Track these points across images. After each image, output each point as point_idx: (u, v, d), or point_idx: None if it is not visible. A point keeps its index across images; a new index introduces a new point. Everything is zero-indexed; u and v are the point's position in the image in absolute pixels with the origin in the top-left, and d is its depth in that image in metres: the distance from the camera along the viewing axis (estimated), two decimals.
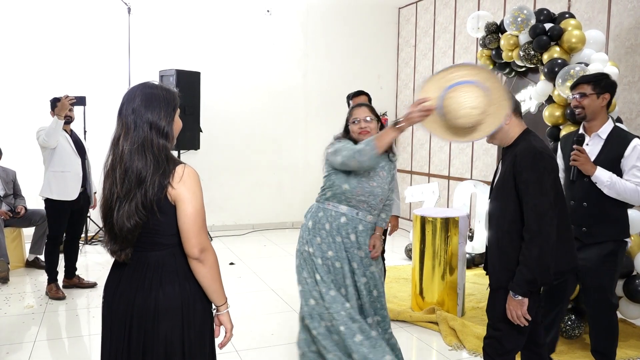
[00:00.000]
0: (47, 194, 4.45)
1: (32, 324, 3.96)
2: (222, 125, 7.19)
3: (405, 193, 6.16)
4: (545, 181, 2.19)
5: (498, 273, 2.32)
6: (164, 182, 1.71)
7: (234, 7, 7.23)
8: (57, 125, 4.23)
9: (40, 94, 6.30)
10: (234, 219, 7.47)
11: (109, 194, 1.75)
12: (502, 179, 2.34)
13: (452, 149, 6.97)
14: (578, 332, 3.50)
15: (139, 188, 1.69)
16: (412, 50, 7.83)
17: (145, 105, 1.74)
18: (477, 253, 5.55)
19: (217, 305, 1.85)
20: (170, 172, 1.72)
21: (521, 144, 2.29)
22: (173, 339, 1.76)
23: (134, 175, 1.70)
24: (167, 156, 1.75)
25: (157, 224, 1.74)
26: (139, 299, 1.75)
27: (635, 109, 4.64)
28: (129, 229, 1.71)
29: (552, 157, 2.25)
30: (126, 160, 1.71)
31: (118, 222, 1.71)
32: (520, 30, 4.11)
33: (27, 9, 6.36)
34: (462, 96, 2.20)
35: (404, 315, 4.08)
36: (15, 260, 5.32)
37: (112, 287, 1.84)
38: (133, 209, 1.69)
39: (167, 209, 1.73)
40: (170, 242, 1.78)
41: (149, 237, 1.76)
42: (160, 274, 1.76)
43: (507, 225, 2.27)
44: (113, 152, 1.76)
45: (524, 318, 2.23)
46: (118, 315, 1.79)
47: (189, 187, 1.73)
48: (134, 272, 1.79)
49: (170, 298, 1.75)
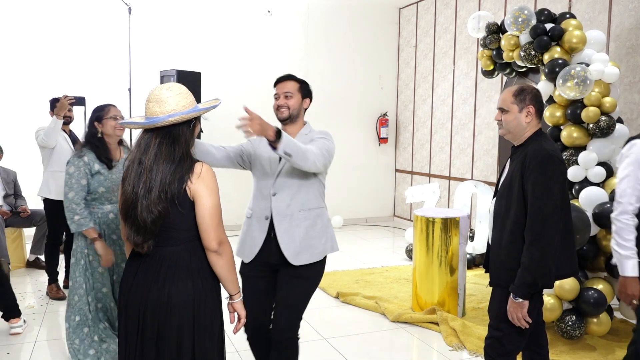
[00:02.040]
0: (46, 194, 4.45)
1: (33, 324, 3.96)
2: (223, 125, 7.17)
3: (406, 193, 6.16)
4: (553, 185, 2.18)
5: (498, 271, 2.33)
6: (184, 178, 1.82)
7: (234, 7, 7.24)
8: (55, 125, 4.24)
9: (40, 94, 6.30)
10: (234, 219, 7.47)
11: (131, 188, 1.84)
12: (509, 178, 2.33)
13: (452, 149, 6.97)
14: (579, 332, 3.49)
15: (162, 181, 1.80)
16: (413, 50, 7.83)
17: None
18: (477, 253, 5.55)
19: (231, 294, 1.96)
20: (189, 168, 1.83)
21: (532, 145, 2.28)
22: (184, 332, 1.85)
23: (159, 170, 1.80)
24: (188, 153, 1.87)
25: (174, 219, 1.83)
26: (153, 292, 1.84)
27: (635, 109, 4.64)
28: (153, 219, 1.80)
29: (561, 161, 2.24)
30: (153, 157, 1.82)
31: (142, 213, 1.80)
32: (521, 31, 4.11)
33: (27, 9, 6.37)
34: None
35: (405, 315, 4.08)
36: (16, 260, 5.32)
37: (129, 278, 1.92)
38: (156, 199, 1.79)
39: (186, 204, 1.83)
40: (185, 237, 1.87)
41: (166, 231, 1.85)
42: (175, 270, 1.85)
43: (510, 225, 2.27)
44: (139, 148, 1.85)
45: (525, 320, 2.23)
46: (133, 306, 1.88)
47: (207, 184, 1.85)
48: (149, 265, 1.87)
49: (182, 294, 1.84)
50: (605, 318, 3.57)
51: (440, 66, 7.20)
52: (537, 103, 2.35)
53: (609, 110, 3.74)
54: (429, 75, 7.45)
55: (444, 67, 7.12)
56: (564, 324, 3.52)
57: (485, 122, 6.39)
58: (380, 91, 8.08)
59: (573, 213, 3.33)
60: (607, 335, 3.69)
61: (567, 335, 3.51)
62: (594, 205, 3.64)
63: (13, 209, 5.31)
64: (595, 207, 3.62)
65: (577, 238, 3.39)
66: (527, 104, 2.33)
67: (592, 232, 3.59)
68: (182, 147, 1.85)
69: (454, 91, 6.92)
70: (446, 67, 7.08)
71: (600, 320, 3.55)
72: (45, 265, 4.71)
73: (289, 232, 2.42)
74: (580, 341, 3.61)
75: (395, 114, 8.28)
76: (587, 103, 3.75)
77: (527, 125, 2.34)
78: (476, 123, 6.55)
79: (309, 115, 2.66)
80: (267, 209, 2.45)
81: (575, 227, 3.34)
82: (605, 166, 3.77)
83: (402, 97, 8.16)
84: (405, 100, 8.05)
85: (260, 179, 2.52)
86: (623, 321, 3.98)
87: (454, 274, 4.11)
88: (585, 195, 3.70)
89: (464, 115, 6.76)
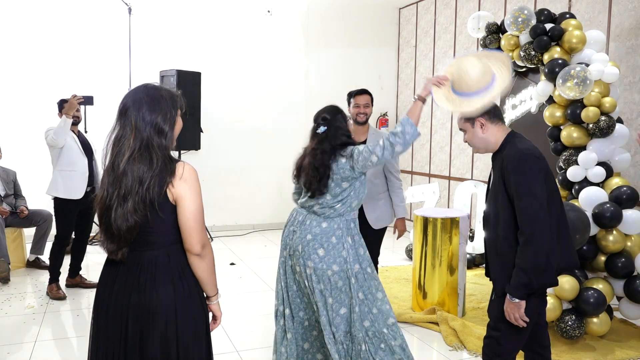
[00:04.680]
0: (54, 193, 4.49)
1: (33, 324, 3.96)
2: (223, 125, 7.19)
3: (406, 193, 6.16)
4: (534, 182, 2.18)
5: (502, 280, 2.29)
6: (164, 181, 1.73)
7: (234, 7, 7.23)
8: (65, 124, 4.29)
9: (40, 94, 6.31)
10: (234, 219, 7.47)
11: (106, 194, 1.76)
12: (494, 185, 2.35)
13: (452, 149, 6.98)
14: (578, 332, 3.50)
15: (139, 187, 1.71)
16: (413, 50, 7.83)
17: (149, 107, 1.77)
18: (477, 253, 5.55)
19: (210, 295, 1.91)
20: (170, 170, 1.74)
21: (507, 148, 2.29)
22: (169, 338, 1.78)
23: (134, 176, 1.71)
24: (167, 156, 1.77)
25: (153, 223, 1.75)
26: (134, 299, 1.77)
27: (635, 109, 4.64)
28: (127, 227, 1.72)
29: (537, 157, 2.23)
30: (126, 161, 1.72)
31: (117, 221, 1.72)
32: (520, 31, 4.11)
33: (27, 10, 6.36)
34: (467, 59, 2.43)
35: (405, 315, 4.08)
36: (16, 260, 5.32)
37: (106, 287, 1.85)
38: (132, 208, 1.71)
39: (166, 208, 1.75)
40: (164, 241, 1.80)
41: (144, 236, 1.78)
42: (155, 274, 1.78)
43: (503, 231, 2.27)
44: (112, 153, 1.77)
45: (522, 320, 2.23)
46: (114, 315, 1.81)
47: (190, 185, 1.76)
48: (128, 272, 1.80)
49: (164, 299, 1.77)
50: (605, 318, 3.57)
51: (441, 66, 7.20)
52: (486, 113, 2.34)
53: (609, 110, 3.74)
54: (429, 75, 7.45)
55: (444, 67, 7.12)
56: (563, 323, 3.52)
57: None
58: (380, 91, 8.07)
59: (573, 213, 3.35)
60: (607, 335, 3.68)
61: (567, 335, 3.51)
62: (594, 205, 3.64)
63: (13, 209, 5.32)
64: (595, 207, 3.62)
65: (577, 238, 3.39)
66: (476, 118, 2.34)
67: (592, 232, 3.59)
68: (161, 150, 1.76)
69: None
70: None
71: (600, 320, 3.55)
72: (47, 265, 4.72)
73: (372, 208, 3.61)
74: (580, 341, 3.61)
75: (395, 114, 8.28)
76: (587, 103, 3.75)
77: (488, 135, 2.35)
78: None
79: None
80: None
81: (575, 227, 3.35)
82: (605, 166, 3.77)
83: (402, 97, 8.16)
84: (405, 100, 8.05)
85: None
86: (623, 321, 3.99)
87: (454, 274, 4.11)
88: (585, 195, 3.70)
89: None
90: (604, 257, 3.69)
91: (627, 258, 3.62)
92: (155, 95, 1.80)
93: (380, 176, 3.68)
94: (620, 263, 3.60)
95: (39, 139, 4.73)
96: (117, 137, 1.78)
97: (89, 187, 4.56)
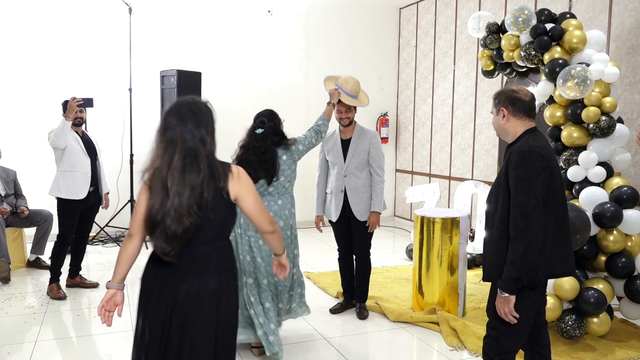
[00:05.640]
0: (56, 193, 4.50)
1: (34, 324, 3.97)
2: (223, 125, 7.16)
3: (407, 193, 6.17)
4: (534, 179, 2.19)
5: (488, 267, 2.36)
6: (220, 185, 1.96)
7: (234, 7, 7.24)
8: (64, 127, 4.31)
9: (41, 94, 6.32)
10: None
11: (160, 203, 1.91)
12: (498, 178, 2.38)
13: (453, 149, 6.98)
14: (578, 332, 3.50)
15: (191, 193, 1.90)
16: (413, 50, 7.83)
17: (194, 122, 1.97)
18: (478, 253, 5.55)
19: (279, 253, 2.26)
20: (224, 173, 1.98)
21: (519, 142, 2.32)
22: (210, 320, 2.00)
23: (187, 184, 1.90)
24: (215, 161, 2.00)
25: (205, 223, 1.95)
26: (183, 290, 1.96)
27: (636, 109, 4.64)
28: (184, 229, 1.90)
29: (543, 156, 2.24)
30: (178, 172, 1.90)
31: (173, 225, 1.89)
32: (521, 31, 4.11)
33: (27, 10, 6.37)
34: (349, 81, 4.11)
35: (405, 315, 4.08)
36: (17, 260, 5.32)
37: (155, 282, 2.01)
38: (187, 210, 1.89)
39: (221, 208, 1.97)
40: (213, 238, 2.01)
41: (195, 234, 1.96)
42: (205, 267, 1.99)
43: (498, 222, 2.30)
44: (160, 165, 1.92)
45: (512, 315, 2.24)
46: (160, 305, 1.98)
47: (245, 182, 2.04)
48: (177, 267, 1.98)
49: (210, 288, 1.99)
50: (605, 318, 3.57)
51: (441, 66, 7.21)
52: (511, 104, 2.37)
53: (609, 110, 3.74)
54: (429, 75, 7.45)
55: (444, 67, 7.13)
56: (564, 323, 3.52)
57: (485, 122, 6.39)
58: (380, 91, 8.08)
59: (573, 213, 3.34)
60: (607, 335, 3.69)
61: (567, 335, 3.51)
62: (594, 205, 3.64)
63: (13, 208, 5.32)
64: (595, 207, 3.62)
65: (577, 238, 3.39)
66: (501, 107, 2.40)
67: (592, 232, 3.59)
68: (209, 157, 1.97)
69: (454, 91, 6.92)
70: (446, 67, 7.08)
71: (600, 320, 3.55)
72: (47, 265, 4.72)
73: (356, 200, 4.01)
74: (580, 341, 3.61)
75: (395, 114, 8.28)
76: (588, 103, 3.75)
77: (508, 126, 2.38)
78: (476, 123, 6.56)
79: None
80: (342, 186, 4.03)
81: (575, 227, 3.35)
82: (606, 166, 3.77)
83: (402, 97, 8.16)
84: (406, 100, 8.05)
85: (334, 168, 4.09)
86: (623, 321, 3.99)
87: (454, 274, 4.11)
88: (585, 195, 3.70)
89: (464, 115, 6.77)
90: (604, 257, 3.69)
91: (627, 258, 3.62)
92: (197, 110, 2.01)
93: (365, 170, 4.04)
94: (620, 263, 3.60)
95: (39, 138, 4.74)
96: (163, 150, 1.94)
97: (91, 188, 4.57)
